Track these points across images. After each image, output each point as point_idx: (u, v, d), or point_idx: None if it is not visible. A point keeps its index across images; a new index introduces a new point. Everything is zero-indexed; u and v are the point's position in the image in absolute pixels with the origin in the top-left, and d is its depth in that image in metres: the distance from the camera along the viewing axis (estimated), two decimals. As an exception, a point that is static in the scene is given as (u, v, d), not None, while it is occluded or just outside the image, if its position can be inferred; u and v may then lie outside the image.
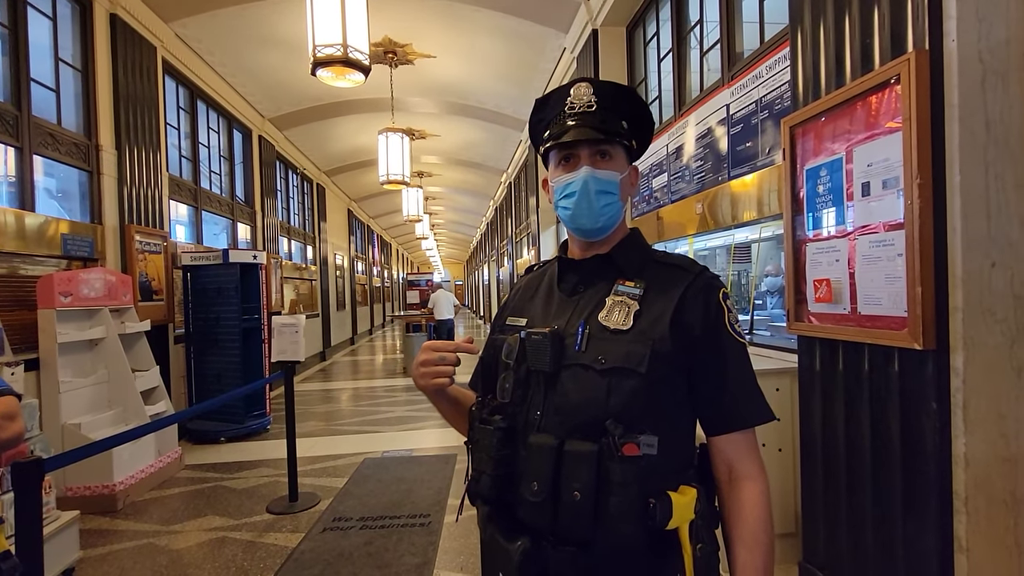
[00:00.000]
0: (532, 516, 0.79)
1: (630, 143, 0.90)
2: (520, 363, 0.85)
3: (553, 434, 0.79)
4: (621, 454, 0.74)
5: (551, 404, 0.81)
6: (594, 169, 0.85)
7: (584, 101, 0.86)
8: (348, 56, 2.88)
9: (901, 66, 1.46)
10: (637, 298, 0.84)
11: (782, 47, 2.44)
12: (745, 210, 2.78)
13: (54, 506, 2.38)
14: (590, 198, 0.85)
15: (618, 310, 0.83)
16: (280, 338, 3.21)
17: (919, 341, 1.42)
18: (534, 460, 0.79)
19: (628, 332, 0.81)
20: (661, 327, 0.80)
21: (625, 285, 0.86)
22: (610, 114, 0.86)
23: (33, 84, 3.29)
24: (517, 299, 0.99)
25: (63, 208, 3.76)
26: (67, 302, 3.18)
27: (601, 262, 0.89)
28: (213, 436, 4.66)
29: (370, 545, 2.66)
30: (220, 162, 6.09)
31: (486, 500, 0.86)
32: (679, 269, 0.87)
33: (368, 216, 14.95)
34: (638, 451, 0.74)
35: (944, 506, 1.43)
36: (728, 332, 0.82)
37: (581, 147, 0.86)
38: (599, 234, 0.89)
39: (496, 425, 0.84)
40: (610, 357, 0.79)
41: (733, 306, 0.85)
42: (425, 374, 0.90)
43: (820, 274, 1.83)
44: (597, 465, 0.74)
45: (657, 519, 0.74)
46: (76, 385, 3.25)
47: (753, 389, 0.83)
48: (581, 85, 0.88)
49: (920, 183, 1.42)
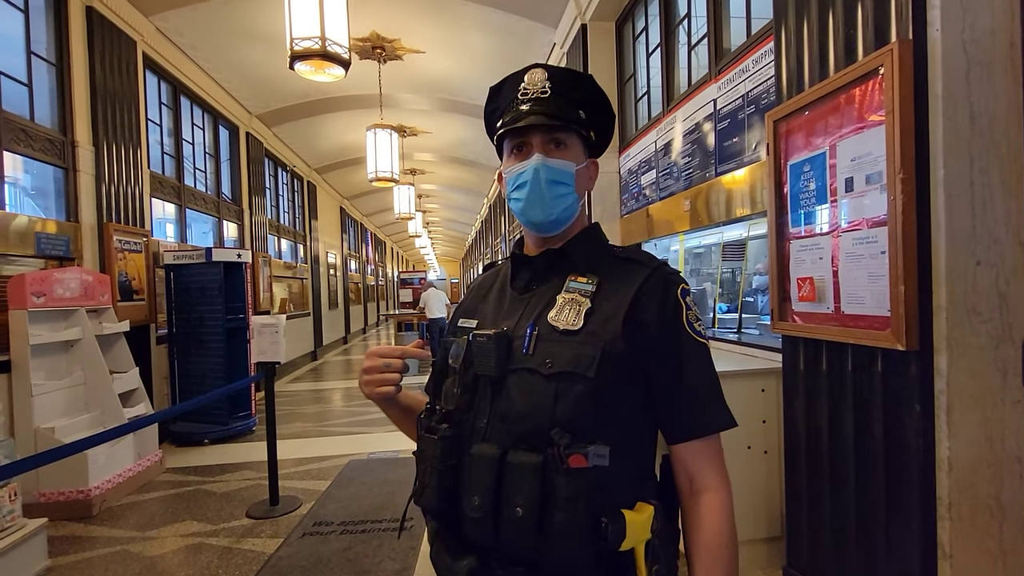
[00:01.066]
0: (475, 533, 0.73)
1: (587, 133, 0.85)
2: (467, 367, 0.80)
3: (497, 444, 0.74)
4: (567, 466, 0.68)
5: (497, 412, 0.76)
6: (546, 157, 0.80)
7: (538, 87, 0.82)
8: (327, 50, 2.81)
9: (884, 57, 1.41)
10: (589, 295, 0.78)
11: (768, 40, 2.39)
12: (732, 206, 2.73)
13: (19, 514, 2.31)
14: (541, 188, 0.80)
15: (568, 308, 0.78)
16: (260, 339, 3.14)
17: (902, 341, 1.37)
18: (475, 472, 0.73)
19: (578, 333, 0.75)
20: (613, 326, 0.74)
21: (577, 281, 0.80)
22: (565, 101, 0.81)
23: (4, 79, 3.20)
24: (470, 299, 0.94)
25: (37, 206, 3.68)
26: (40, 303, 3.11)
27: (554, 257, 0.84)
28: (197, 438, 4.59)
29: (349, 551, 2.60)
30: (206, 159, 6.00)
31: (432, 514, 0.81)
32: (635, 263, 0.82)
33: (361, 214, 14.85)
34: (586, 463, 0.68)
35: (928, 511, 1.38)
36: (686, 331, 0.77)
37: (533, 133, 0.81)
38: (552, 228, 0.83)
39: (441, 434, 0.78)
40: (557, 360, 0.73)
41: (693, 303, 0.80)
42: (369, 382, 0.85)
43: (804, 272, 1.78)
44: (541, 478, 0.69)
45: (609, 539, 0.68)
46: (50, 388, 3.17)
47: (714, 393, 0.77)
48: (535, 71, 0.83)
49: (903, 178, 1.37)
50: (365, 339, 14.24)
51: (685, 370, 0.76)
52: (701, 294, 4.09)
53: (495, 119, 0.89)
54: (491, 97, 0.90)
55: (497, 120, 0.87)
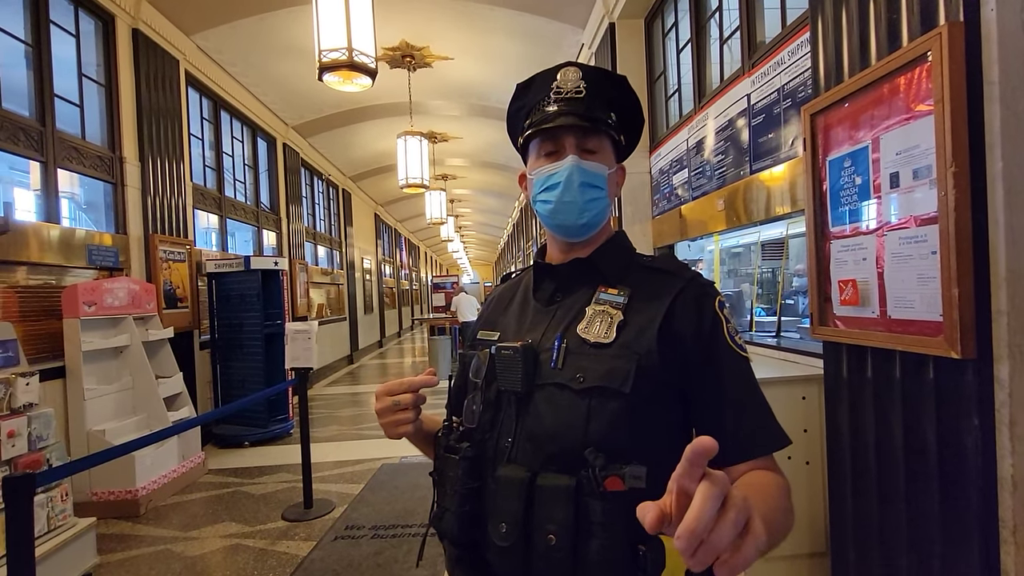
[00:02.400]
0: (502, 562, 0.69)
1: (618, 137, 0.81)
2: (489, 383, 0.76)
3: (525, 465, 0.69)
4: (603, 489, 0.63)
5: (523, 430, 0.72)
6: (581, 160, 0.77)
7: (572, 86, 0.78)
8: (353, 60, 2.85)
9: (932, 41, 1.30)
10: (621, 307, 0.74)
11: (804, 31, 2.28)
12: (770, 205, 2.61)
13: (70, 513, 2.42)
14: (574, 191, 0.76)
15: (599, 321, 0.74)
16: (293, 345, 3.21)
17: (956, 349, 1.26)
18: (502, 496, 0.69)
19: (610, 346, 0.71)
20: (647, 339, 0.70)
21: (607, 292, 0.76)
22: (599, 102, 0.78)
23: (57, 100, 3.40)
24: (490, 310, 0.90)
25: (89, 219, 3.89)
26: (91, 311, 3.27)
27: (581, 267, 0.80)
28: (237, 440, 4.74)
29: (380, 555, 2.62)
30: (244, 171, 6.22)
31: (452, 541, 0.76)
32: (667, 274, 0.78)
33: (395, 220, 15.11)
34: (623, 486, 0.62)
35: (989, 534, 1.26)
36: (727, 345, 0.72)
37: (567, 135, 0.77)
38: (582, 232, 0.80)
39: (463, 454, 0.74)
40: (589, 375, 0.70)
41: (731, 316, 0.76)
42: (386, 425, 0.80)
43: (846, 274, 1.68)
44: (575, 502, 0.64)
45: (648, 570, 0.63)
46: (101, 392, 3.34)
47: (761, 410, 0.72)
48: (569, 69, 0.79)
49: (955, 172, 1.26)
50: (400, 343, 14.46)
51: (729, 386, 0.71)
52: (738, 296, 3.95)
53: (520, 118, 0.85)
54: (518, 94, 0.86)
55: (523, 119, 0.84)
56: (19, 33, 3.20)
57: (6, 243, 2.89)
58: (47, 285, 3.27)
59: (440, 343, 8.13)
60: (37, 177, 3.30)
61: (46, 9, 3.33)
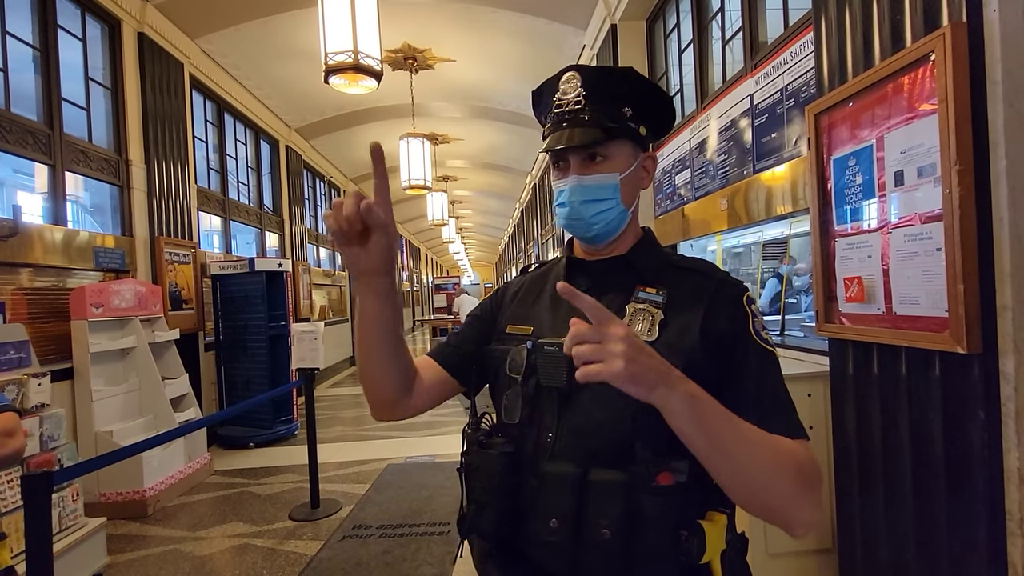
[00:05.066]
0: (548, 557, 0.70)
1: (635, 130, 0.80)
2: (528, 378, 0.76)
3: (571, 460, 0.70)
4: (656, 484, 0.65)
5: (566, 425, 0.73)
6: (582, 177, 0.78)
7: (571, 97, 0.78)
8: (359, 63, 2.87)
9: (935, 42, 1.33)
10: (661, 306, 0.76)
11: (807, 31, 2.30)
12: (773, 204, 2.63)
13: (81, 512, 2.44)
14: (579, 209, 0.78)
15: (641, 319, 0.75)
16: (300, 345, 3.23)
17: (962, 344, 1.28)
18: (551, 492, 0.69)
19: (654, 343, 0.72)
20: (691, 338, 0.73)
21: (646, 292, 0.78)
22: (604, 105, 0.77)
23: (65, 103, 3.42)
24: (516, 304, 0.89)
25: (95, 222, 3.91)
26: (98, 313, 3.29)
27: (618, 264, 0.82)
28: (243, 442, 4.76)
29: (388, 554, 2.63)
30: (248, 173, 6.24)
31: (486, 536, 0.77)
32: (700, 275, 0.80)
33: (397, 221, 15.12)
34: (672, 480, 0.66)
35: (996, 527, 1.28)
36: (753, 337, 0.73)
37: (569, 152, 0.79)
38: (598, 242, 0.82)
39: (500, 450, 0.74)
40: None
41: (759, 311, 0.77)
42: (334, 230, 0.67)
43: (851, 271, 1.70)
44: (628, 497, 0.66)
45: (693, 554, 0.66)
46: (108, 393, 3.35)
47: (782, 401, 0.72)
48: (568, 76, 0.80)
49: (960, 169, 1.28)
50: (402, 344, 14.43)
51: (752, 376, 0.72)
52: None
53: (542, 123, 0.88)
54: (534, 102, 0.89)
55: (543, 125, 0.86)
56: (27, 38, 3.22)
57: (15, 246, 2.91)
58: (55, 287, 3.29)
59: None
60: (44, 180, 3.32)
61: (54, 14, 3.36)
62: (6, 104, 3.03)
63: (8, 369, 2.36)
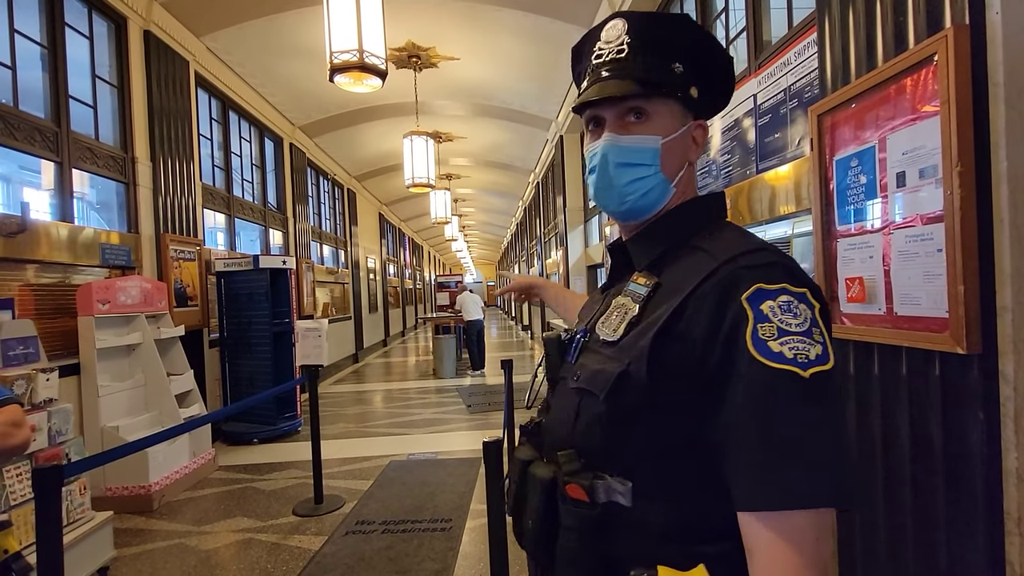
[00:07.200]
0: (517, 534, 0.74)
1: (686, 90, 0.67)
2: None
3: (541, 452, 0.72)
4: (563, 493, 0.62)
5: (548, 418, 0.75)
6: (618, 136, 0.66)
7: (613, 45, 0.67)
8: (364, 61, 2.89)
9: (938, 44, 1.33)
10: (640, 300, 0.64)
11: (811, 31, 2.31)
12: (776, 204, 2.64)
13: (88, 506, 2.47)
14: (610, 175, 0.67)
15: (616, 315, 0.66)
16: (304, 342, 3.25)
17: (962, 344, 1.29)
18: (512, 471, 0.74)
19: (615, 345, 0.64)
20: (645, 340, 0.59)
21: (636, 282, 0.68)
22: (651, 57, 0.66)
23: (72, 101, 3.45)
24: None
25: (102, 219, 3.94)
26: (105, 309, 3.32)
27: (618, 251, 0.74)
28: (247, 438, 4.79)
29: (391, 549, 2.66)
30: (252, 170, 6.27)
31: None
32: (705, 255, 0.62)
33: (399, 219, 15.16)
34: (585, 497, 0.59)
35: (994, 527, 1.29)
36: (748, 352, 0.52)
37: (605, 108, 0.67)
38: (631, 217, 0.70)
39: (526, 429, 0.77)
40: (583, 374, 0.66)
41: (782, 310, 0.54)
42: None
43: (852, 272, 1.71)
44: (546, 497, 0.65)
45: None
46: (114, 389, 3.39)
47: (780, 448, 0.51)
48: (612, 22, 0.68)
49: (961, 171, 1.29)
50: (404, 342, 14.51)
51: (741, 409, 0.53)
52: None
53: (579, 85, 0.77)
54: (573, 59, 0.77)
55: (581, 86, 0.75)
56: (35, 36, 3.25)
57: (23, 242, 2.94)
58: (62, 283, 3.32)
59: (444, 342, 8.17)
60: (51, 177, 3.35)
61: (61, 11, 3.38)
62: (14, 101, 3.06)
63: (17, 364, 2.39)
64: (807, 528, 0.50)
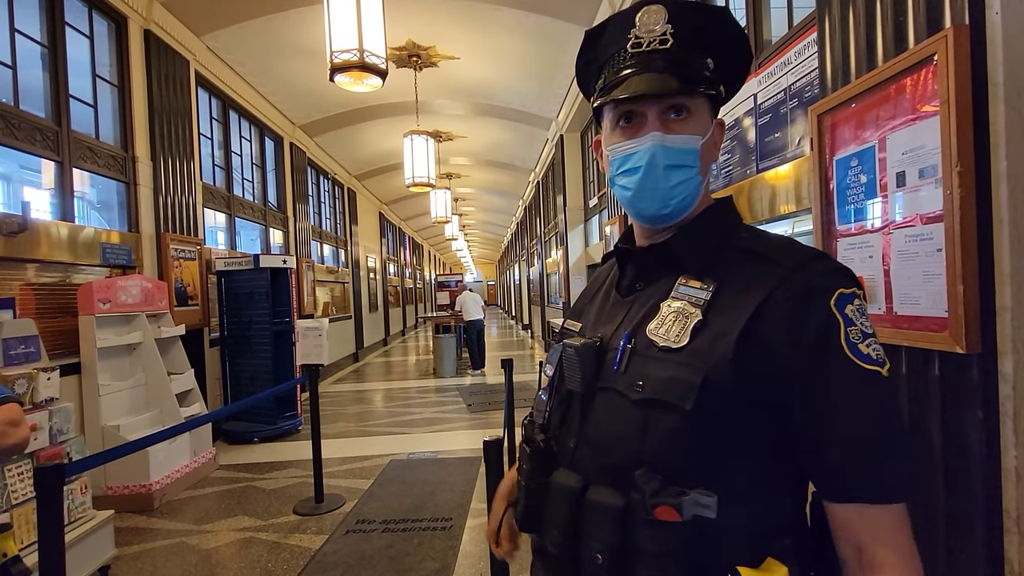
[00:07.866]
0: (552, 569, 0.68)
1: (717, 89, 0.66)
2: (560, 378, 0.71)
3: (582, 472, 0.64)
4: (651, 517, 0.56)
5: (584, 434, 0.66)
6: (665, 135, 0.63)
7: (656, 34, 0.63)
8: (364, 61, 2.89)
9: (937, 44, 1.33)
10: (701, 304, 0.61)
11: (811, 31, 2.31)
12: (776, 203, 2.64)
13: (89, 505, 2.47)
14: (657, 176, 0.63)
15: (673, 320, 0.62)
16: (304, 342, 3.26)
17: (961, 344, 1.30)
18: (555, 502, 0.65)
19: (680, 351, 0.60)
20: (724, 347, 0.58)
21: (689, 285, 0.64)
22: (692, 52, 0.63)
23: (72, 100, 3.45)
24: (580, 298, 0.85)
25: (102, 218, 3.94)
26: (106, 308, 3.32)
27: (659, 253, 0.69)
28: (247, 437, 4.79)
29: (391, 548, 2.66)
30: (252, 170, 6.27)
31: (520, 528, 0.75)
32: (764, 261, 0.61)
33: (399, 218, 15.16)
34: (678, 517, 0.55)
35: (993, 524, 1.30)
36: (845, 355, 0.56)
37: (648, 104, 0.63)
38: (671, 220, 0.67)
39: (535, 447, 0.70)
40: (649, 384, 0.60)
41: (861, 313, 0.58)
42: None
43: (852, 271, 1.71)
44: (622, 526, 0.58)
45: None
46: (115, 388, 3.39)
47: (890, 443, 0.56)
48: (652, 9, 0.64)
49: (961, 171, 1.29)
50: (404, 341, 14.52)
51: (842, 410, 0.56)
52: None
53: (592, 72, 0.71)
54: (587, 43, 0.71)
55: (595, 75, 0.70)
56: (35, 35, 3.25)
57: (24, 242, 2.95)
58: (63, 282, 3.33)
59: (444, 341, 8.17)
60: (52, 176, 3.35)
61: (61, 11, 3.38)
62: (15, 101, 3.06)
63: (18, 363, 2.39)
64: (906, 516, 0.57)
